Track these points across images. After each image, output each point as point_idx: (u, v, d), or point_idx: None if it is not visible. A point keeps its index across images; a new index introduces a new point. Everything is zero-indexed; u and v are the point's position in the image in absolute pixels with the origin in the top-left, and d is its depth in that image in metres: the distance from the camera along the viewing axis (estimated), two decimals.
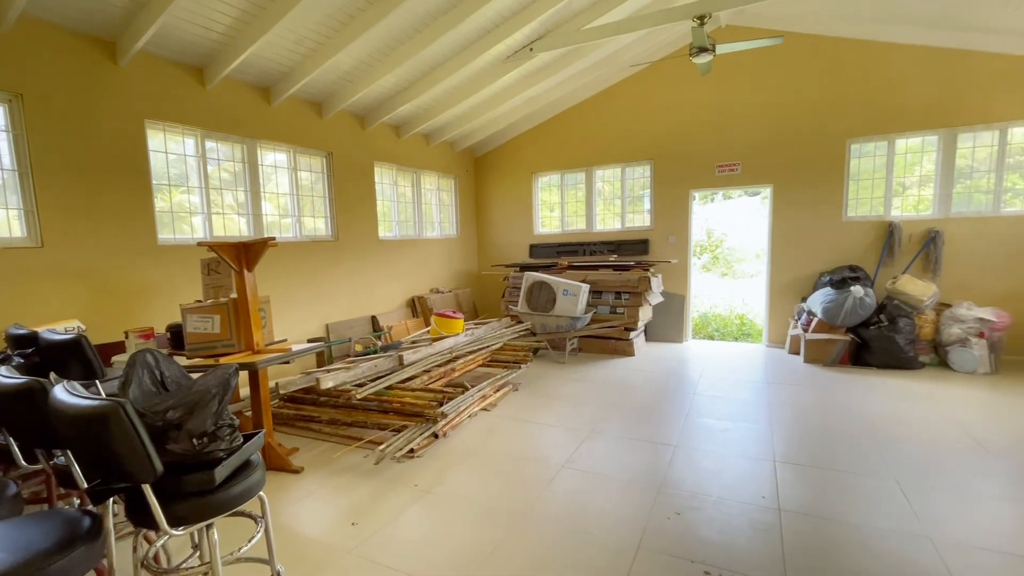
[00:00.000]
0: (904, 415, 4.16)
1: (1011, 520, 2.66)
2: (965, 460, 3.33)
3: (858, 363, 5.70)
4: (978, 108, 5.60)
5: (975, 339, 5.25)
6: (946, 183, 5.86)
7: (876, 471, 3.21)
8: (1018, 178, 5.73)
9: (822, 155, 6.31)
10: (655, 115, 7.22)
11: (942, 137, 5.82)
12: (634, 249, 7.53)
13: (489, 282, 8.65)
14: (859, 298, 5.52)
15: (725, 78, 6.66)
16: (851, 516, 2.71)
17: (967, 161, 5.82)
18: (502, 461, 3.51)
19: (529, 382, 5.38)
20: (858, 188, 6.29)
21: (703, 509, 2.82)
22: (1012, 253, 5.60)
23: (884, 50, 5.89)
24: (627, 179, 7.70)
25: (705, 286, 11.87)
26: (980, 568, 2.27)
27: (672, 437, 3.84)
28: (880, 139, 6.09)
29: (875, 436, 3.75)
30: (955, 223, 5.81)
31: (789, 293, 6.67)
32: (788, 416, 4.23)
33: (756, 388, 5.05)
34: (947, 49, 5.63)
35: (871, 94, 6.00)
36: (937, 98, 5.74)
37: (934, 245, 5.81)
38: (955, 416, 4.10)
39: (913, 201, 6.16)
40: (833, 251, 6.35)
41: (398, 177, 7.25)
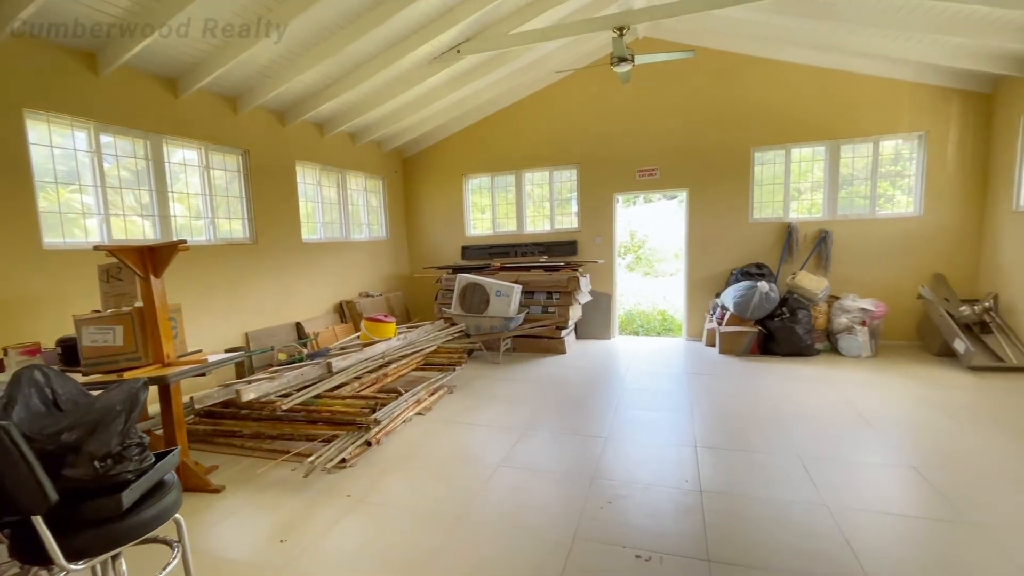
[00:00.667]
0: (804, 397, 4.61)
1: (890, 484, 3.04)
2: (853, 434, 3.76)
3: (765, 352, 6.23)
4: (856, 123, 6.33)
5: (859, 327, 5.93)
6: (832, 189, 6.57)
7: (781, 449, 3.53)
8: (888, 185, 6.55)
9: (731, 162, 6.85)
10: (581, 121, 7.49)
11: (828, 148, 6.53)
12: (563, 250, 7.75)
13: (421, 285, 8.53)
14: (765, 293, 6.05)
15: (644, 87, 7.04)
16: (762, 491, 2.97)
17: (849, 169, 6.56)
18: (438, 464, 3.48)
19: (464, 384, 5.38)
20: (762, 192, 6.89)
21: (633, 496, 2.97)
22: (886, 250, 6.39)
23: (780, 68, 6.51)
24: (555, 182, 7.91)
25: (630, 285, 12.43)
26: (867, 527, 2.57)
27: (603, 429, 4.00)
28: (779, 148, 6.71)
29: (780, 417, 4.13)
30: (841, 224, 6.53)
31: (704, 289, 7.17)
32: (706, 404, 4.55)
33: (677, 379, 5.37)
34: (832, 69, 6.32)
35: (771, 107, 6.60)
36: (824, 113, 6.42)
37: (825, 244, 6.50)
38: (845, 396, 4.61)
39: (807, 204, 6.85)
40: (742, 250, 6.91)
41: (322, 177, 6.97)
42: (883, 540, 2.48)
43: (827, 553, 2.38)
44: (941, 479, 3.04)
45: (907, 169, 6.39)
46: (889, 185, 6.54)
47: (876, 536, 2.51)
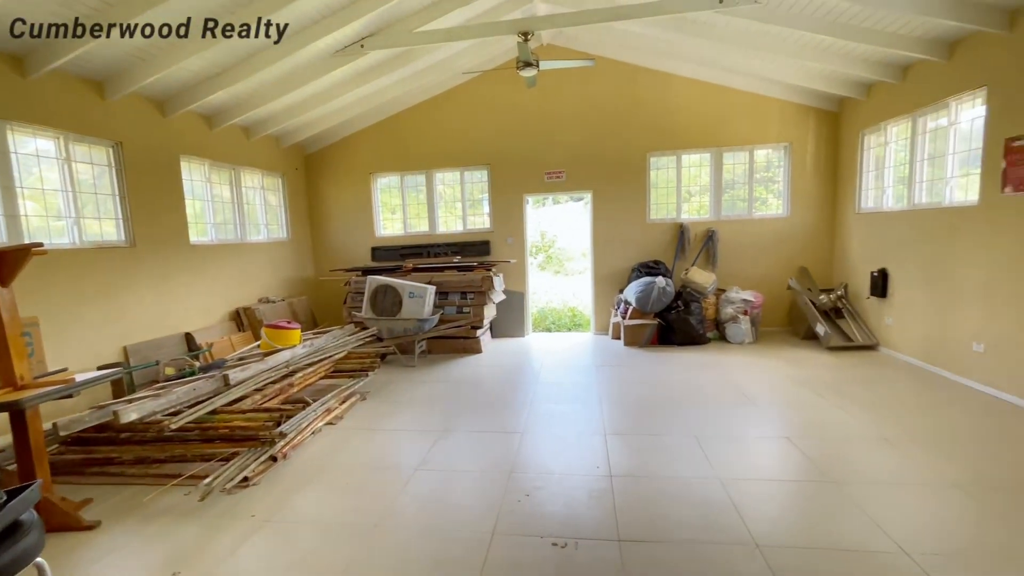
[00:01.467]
0: (698, 382, 5.06)
1: (769, 454, 3.44)
2: (740, 412, 4.20)
3: (664, 343, 6.74)
4: (735, 133, 7.06)
5: (742, 316, 6.63)
6: (717, 192, 7.27)
7: (680, 430, 3.86)
8: (763, 189, 7.38)
9: (629, 166, 7.31)
10: (491, 122, 7.58)
11: (713, 155, 7.21)
12: (476, 250, 7.80)
13: (328, 288, 8.13)
14: (662, 288, 6.54)
15: (550, 92, 7.29)
16: (664, 471, 3.23)
17: (730, 175, 7.30)
18: (352, 474, 3.36)
19: (378, 389, 5.23)
20: (657, 195, 7.43)
21: (549, 487, 3.08)
22: (761, 247, 7.19)
23: (671, 80, 7.06)
24: (467, 182, 7.93)
25: (542, 283, 12.81)
26: (751, 494, 2.89)
27: (519, 425, 4.10)
28: (671, 154, 7.29)
29: (679, 401, 4.50)
30: (725, 224, 7.24)
31: (609, 286, 7.59)
32: (614, 393, 4.83)
33: (587, 372, 5.64)
34: (715, 84, 6.98)
35: (664, 115, 7.15)
36: (709, 123, 7.08)
37: (712, 242, 7.17)
38: (732, 378, 5.13)
39: (696, 206, 7.51)
40: (641, 248, 7.41)
41: (212, 174, 6.39)
42: (764, 504, 2.81)
43: (720, 521, 2.64)
44: (809, 446, 3.49)
45: (777, 175, 7.24)
46: (763, 189, 7.37)
47: (758, 501, 2.83)
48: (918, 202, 5.35)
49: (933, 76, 4.98)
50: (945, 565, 2.23)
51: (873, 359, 5.64)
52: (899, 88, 5.49)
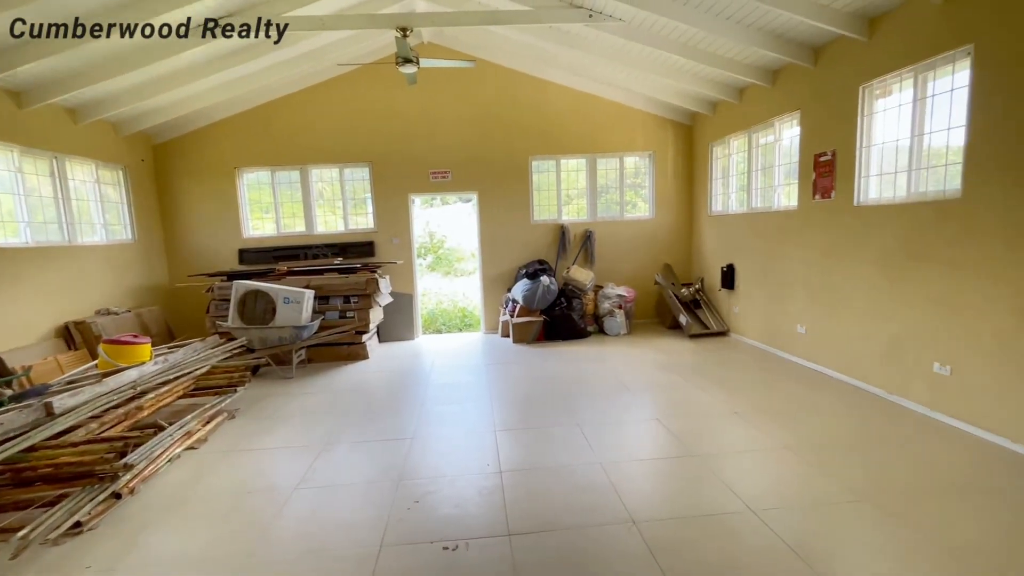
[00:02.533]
0: (581, 373, 5.36)
1: (642, 435, 3.75)
2: (617, 399, 4.53)
3: (550, 338, 7.04)
4: (607, 141, 7.61)
5: (617, 310, 7.16)
6: (593, 195, 7.77)
7: (566, 421, 4.05)
8: (633, 194, 8.04)
9: (513, 168, 7.52)
10: (372, 118, 7.29)
11: (588, 160, 7.69)
12: (360, 251, 7.46)
13: (187, 296, 7.22)
14: (547, 286, 6.83)
15: (435, 91, 7.22)
16: (551, 461, 3.36)
17: (604, 180, 7.85)
18: (219, 502, 3.01)
19: (250, 405, 4.76)
20: (540, 197, 7.74)
21: (440, 491, 3.04)
22: (632, 246, 7.84)
23: (550, 87, 7.40)
24: (347, 180, 7.55)
25: (431, 284, 12.66)
26: (628, 474, 3.14)
27: (408, 430, 4.00)
28: (551, 158, 7.63)
29: (564, 393, 4.73)
30: (601, 225, 7.77)
31: (498, 285, 7.73)
32: (503, 390, 4.93)
33: (478, 371, 5.69)
34: (588, 93, 7.45)
35: (544, 121, 7.46)
36: (584, 130, 7.54)
37: (590, 242, 7.65)
38: (610, 369, 5.51)
39: (575, 208, 7.95)
40: (526, 248, 7.66)
41: (23, 162, 5.31)
42: (638, 481, 3.06)
43: (602, 502, 2.82)
44: (675, 425, 3.88)
45: (644, 181, 7.94)
46: (633, 194, 8.04)
47: (634, 479, 3.08)
48: (755, 206, 6.22)
49: (762, 98, 5.82)
50: (781, 516, 2.62)
51: (725, 344, 6.45)
52: (738, 107, 6.33)
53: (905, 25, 3.92)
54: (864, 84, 4.36)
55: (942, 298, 3.71)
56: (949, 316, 3.66)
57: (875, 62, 4.21)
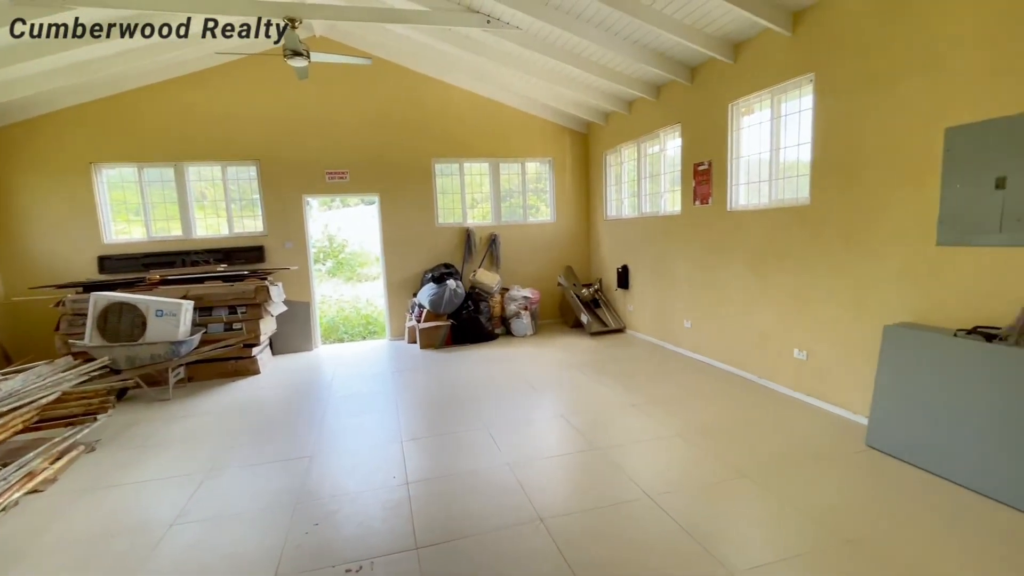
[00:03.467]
0: (490, 376, 5.39)
1: (548, 433, 3.85)
2: (524, 399, 4.61)
3: (458, 342, 7.00)
4: (509, 146, 7.75)
5: (523, 312, 7.31)
6: (497, 199, 7.87)
7: (474, 424, 4.04)
8: (536, 198, 8.27)
9: (416, 170, 7.37)
10: (260, 113, 6.75)
11: (491, 165, 7.78)
12: (247, 257, 6.86)
13: (29, 312, 6.14)
14: (453, 289, 6.78)
15: (331, 88, 6.86)
16: (459, 467, 3.33)
17: (508, 184, 7.98)
18: (70, 553, 2.59)
19: (115, 435, 4.16)
20: (444, 200, 7.68)
21: (341, 510, 2.88)
22: (536, 249, 8.06)
23: (452, 90, 7.37)
24: (232, 179, 6.91)
25: (332, 291, 12.01)
26: (535, 473, 3.20)
27: (307, 448, 3.74)
28: (454, 161, 7.61)
29: (472, 397, 4.71)
30: (506, 228, 7.89)
31: (403, 290, 7.53)
32: (410, 398, 4.80)
33: (383, 379, 5.49)
34: (491, 99, 7.53)
35: (446, 124, 7.41)
36: (487, 134, 7.61)
37: (495, 245, 7.73)
38: (518, 369, 5.61)
39: (480, 212, 8.00)
40: (432, 252, 7.56)
41: None
42: (546, 479, 3.13)
43: (510, 504, 2.85)
44: (579, 421, 4.03)
45: (545, 186, 8.20)
46: (536, 198, 8.27)
47: (541, 478, 3.14)
48: (644, 211, 6.69)
49: (649, 111, 6.28)
50: (675, 500, 2.82)
51: (622, 340, 6.85)
52: (628, 119, 6.77)
53: (762, 52, 4.44)
54: (732, 102, 4.87)
55: (798, 292, 4.26)
56: (804, 308, 4.21)
57: (740, 83, 4.73)
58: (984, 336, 2.79)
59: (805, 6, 3.96)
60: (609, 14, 4.60)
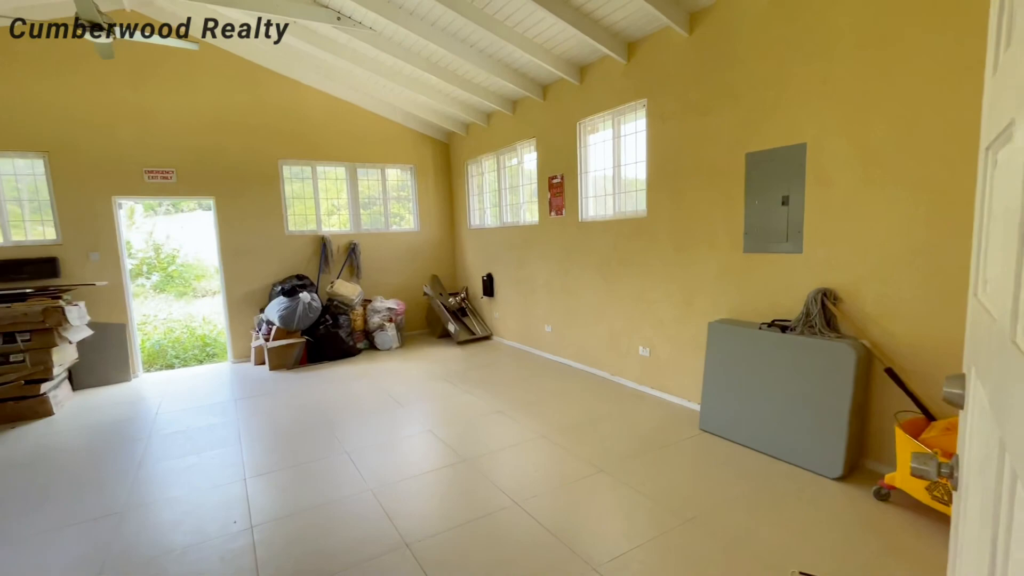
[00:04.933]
0: (351, 394, 5.04)
1: (415, 451, 3.71)
2: (389, 417, 4.39)
3: (315, 360, 6.45)
4: (368, 151, 7.41)
5: (388, 324, 7.02)
6: (356, 206, 7.47)
7: (333, 450, 3.73)
8: (400, 206, 8.02)
9: (260, 172, 6.66)
10: (48, 96, 5.49)
11: (348, 169, 7.36)
12: (35, 271, 5.53)
13: None
14: (307, 303, 6.24)
15: (149, 72, 5.87)
16: (315, 499, 3.03)
17: (368, 190, 7.62)
18: None
19: None
20: (295, 206, 7.06)
21: (164, 571, 2.42)
22: (400, 258, 7.82)
23: (303, 89, 6.80)
24: (6, 174, 5.52)
25: (160, 309, 10.31)
26: (401, 496, 3.04)
27: (117, 503, 3.09)
28: (305, 164, 7.04)
29: (331, 420, 4.36)
30: (366, 237, 7.51)
31: (247, 306, 6.73)
32: (257, 428, 4.27)
33: (223, 409, 4.81)
34: (346, 101, 7.12)
35: (295, 124, 6.82)
36: (342, 137, 7.19)
37: (355, 254, 7.32)
38: (383, 385, 5.34)
39: (338, 219, 7.51)
40: (281, 262, 6.88)
41: None
42: (411, 501, 2.99)
43: (374, 533, 2.66)
44: (446, 433, 3.95)
45: (409, 194, 8.00)
46: (400, 206, 8.02)
47: (406, 500, 3.00)
48: (506, 221, 6.89)
49: (507, 124, 6.49)
50: (541, 504, 2.89)
51: (489, 347, 6.94)
52: (487, 130, 6.93)
53: (603, 76, 4.86)
54: (580, 121, 5.25)
55: (640, 295, 4.71)
56: (646, 309, 4.67)
57: (586, 103, 5.12)
58: (780, 328, 3.36)
59: (636, 38, 4.42)
60: (464, 25, 4.64)
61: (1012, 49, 0.72)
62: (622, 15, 4.10)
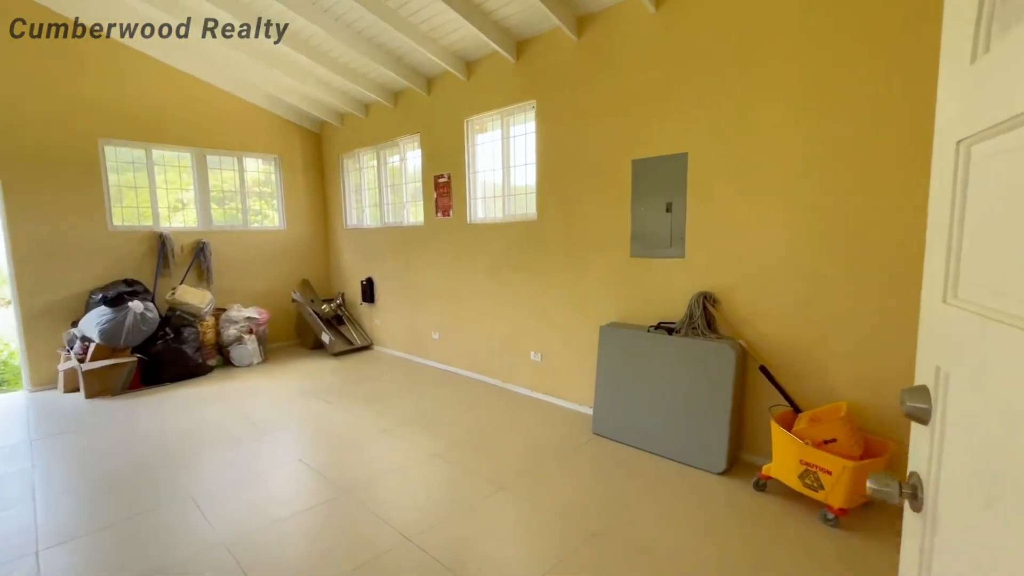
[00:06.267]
0: (199, 424, 4.21)
1: (283, 487, 3.14)
2: (249, 447, 3.72)
3: (151, 382, 5.35)
4: (221, 135, 6.39)
5: (247, 336, 6.10)
6: (205, 198, 6.40)
7: (174, 497, 3.01)
8: (262, 202, 7.06)
9: (73, 153, 5.35)
10: None
11: (195, 155, 6.27)
12: None
13: None
14: (139, 314, 5.14)
15: None
16: (146, 567, 2.37)
17: (220, 181, 6.57)
18: None
19: None
20: (125, 197, 5.81)
21: None
22: (263, 261, 6.88)
23: (131, 55, 5.60)
24: None
25: None
26: (266, 546, 2.51)
27: None
28: (138, 146, 5.83)
29: (173, 457, 3.56)
30: (219, 235, 6.47)
31: (54, 319, 5.36)
32: (63, 476, 3.32)
33: (13, 456, 3.69)
34: (192, 76, 6.04)
35: (124, 98, 5.60)
36: (187, 118, 6.09)
37: (204, 255, 6.26)
38: (240, 408, 4.56)
39: (182, 213, 6.37)
40: (104, 264, 5.61)
41: None
42: (278, 552, 2.48)
43: None
44: (321, 462, 3.44)
45: (273, 189, 7.08)
46: (263, 202, 7.05)
47: (272, 552, 2.48)
48: (388, 221, 6.41)
49: (387, 117, 6.03)
50: (436, 536, 2.58)
51: (370, 358, 6.39)
52: (365, 122, 6.39)
53: (492, 73, 4.70)
54: (467, 118, 5.03)
55: (531, 299, 4.63)
56: (538, 313, 4.59)
57: (474, 100, 4.91)
58: (667, 330, 3.46)
59: (526, 37, 4.33)
60: (338, 1, 4.15)
61: (1016, 33, 0.63)
62: (512, 10, 3.96)
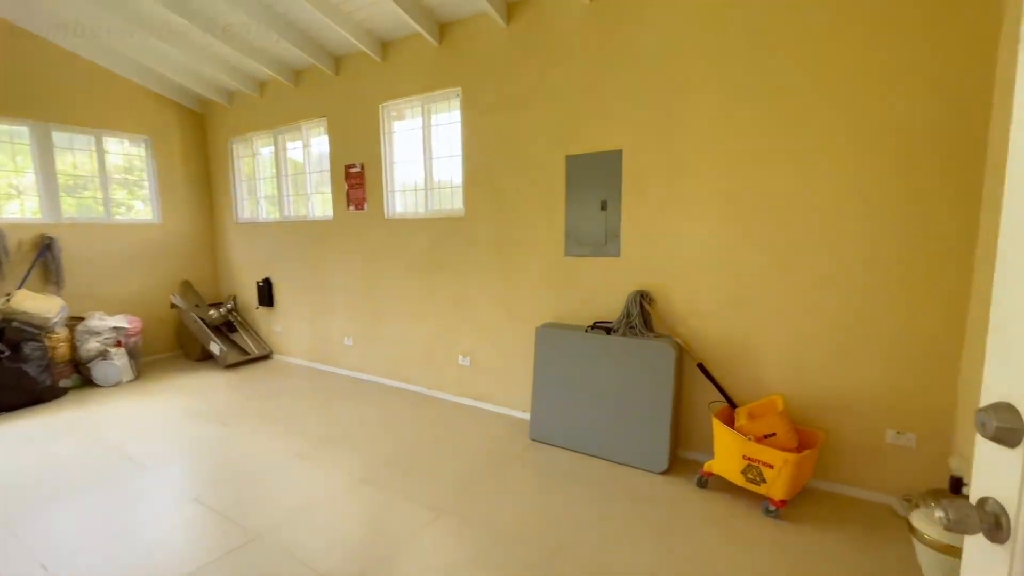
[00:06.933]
0: (50, 463, 3.39)
1: (172, 537, 2.58)
2: (123, 489, 3.04)
3: None
4: (72, 109, 5.27)
5: (114, 349, 5.12)
6: (51, 184, 5.25)
7: (13, 562, 2.34)
8: (125, 191, 5.96)
9: None
10: None
11: (35, 131, 5.10)
12: None
13: None
14: None
15: None
16: None
17: (78, 168, 5.43)
18: None
19: None
20: None
21: None
22: (132, 260, 5.83)
23: None
24: None
25: None
26: None
27: None
28: None
29: (12, 510, 2.79)
30: (71, 229, 5.36)
31: None
32: None
33: None
34: (27, 31, 4.88)
35: None
36: (22, 84, 4.93)
37: (51, 253, 5.13)
38: (108, 439, 3.76)
39: (20, 202, 5.16)
40: None
41: None
42: None
43: None
44: (224, 500, 2.90)
45: (144, 176, 6.01)
46: (128, 192, 5.94)
47: None
48: (288, 215, 5.73)
49: (287, 97, 5.36)
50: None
51: (271, 368, 5.69)
52: (261, 102, 5.64)
53: (412, 56, 4.33)
54: (383, 103, 4.61)
55: (459, 299, 4.36)
56: (466, 314, 4.34)
57: (391, 85, 4.51)
58: (605, 329, 3.40)
59: (451, 20, 4.03)
60: None
61: None
62: None
